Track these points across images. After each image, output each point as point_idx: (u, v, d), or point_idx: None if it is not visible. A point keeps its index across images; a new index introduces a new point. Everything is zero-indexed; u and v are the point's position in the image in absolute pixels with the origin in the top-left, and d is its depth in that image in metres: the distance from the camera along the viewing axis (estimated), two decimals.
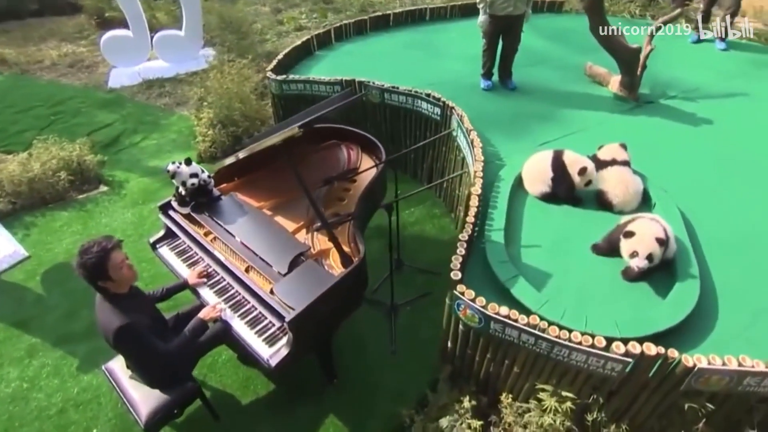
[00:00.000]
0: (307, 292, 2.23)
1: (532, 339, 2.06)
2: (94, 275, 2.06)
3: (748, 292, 2.35)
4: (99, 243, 2.07)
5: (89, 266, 2.03)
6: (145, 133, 5.14)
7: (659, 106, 3.79)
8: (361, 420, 2.68)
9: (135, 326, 2.11)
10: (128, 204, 4.19)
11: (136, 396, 2.39)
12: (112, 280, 2.09)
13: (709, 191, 2.94)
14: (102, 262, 2.04)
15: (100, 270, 2.05)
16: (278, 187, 3.01)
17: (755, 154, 3.24)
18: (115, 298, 2.15)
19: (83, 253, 2.04)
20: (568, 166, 2.71)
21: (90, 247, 2.05)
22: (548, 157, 2.80)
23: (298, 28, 7.14)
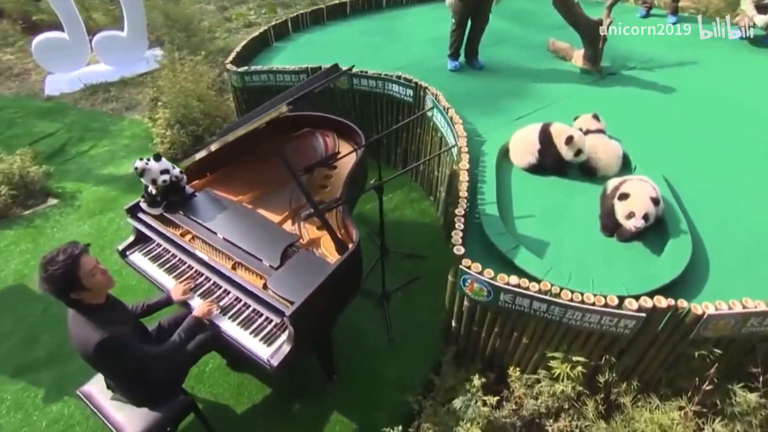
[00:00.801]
0: (304, 283, 2.09)
1: (544, 306, 2.02)
2: (64, 287, 1.82)
3: (728, 242, 2.42)
4: (64, 250, 1.83)
5: (58, 277, 1.78)
6: (93, 140, 4.76)
7: (621, 76, 3.90)
8: (367, 413, 2.57)
9: (118, 337, 1.89)
10: (84, 215, 3.84)
11: (121, 418, 2.16)
12: (86, 289, 1.86)
13: (677, 152, 3.04)
14: (72, 271, 1.81)
15: (71, 280, 1.82)
16: (255, 179, 2.84)
17: (714, 116, 3.40)
18: (92, 310, 1.91)
19: (48, 264, 1.79)
20: (554, 137, 2.70)
21: (54, 256, 1.80)
22: (536, 129, 2.80)
23: (247, 25, 6.87)
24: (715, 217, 2.56)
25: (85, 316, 1.89)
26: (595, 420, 2.27)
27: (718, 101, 3.55)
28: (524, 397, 2.38)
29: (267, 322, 2.21)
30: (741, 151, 3.06)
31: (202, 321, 2.19)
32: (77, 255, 1.85)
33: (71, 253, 1.84)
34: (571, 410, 2.35)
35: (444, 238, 3.52)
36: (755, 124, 3.29)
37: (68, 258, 1.81)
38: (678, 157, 2.99)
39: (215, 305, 2.24)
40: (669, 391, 2.22)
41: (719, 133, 3.23)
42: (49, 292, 1.81)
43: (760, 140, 3.13)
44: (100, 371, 2.13)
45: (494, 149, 2.95)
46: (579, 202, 2.67)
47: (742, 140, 3.14)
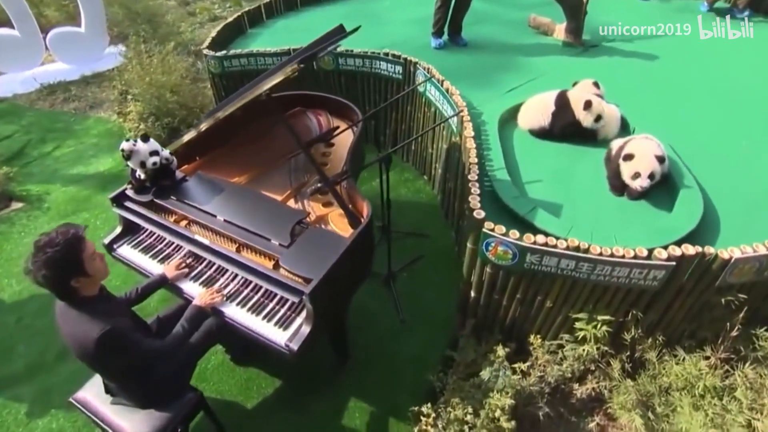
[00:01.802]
0: (320, 259, 1.95)
1: (573, 263, 1.96)
2: (65, 272, 1.60)
3: (729, 192, 2.45)
4: (63, 232, 1.62)
5: (59, 260, 1.57)
6: (56, 141, 4.42)
7: (603, 48, 3.94)
8: (386, 396, 2.45)
9: (120, 330, 1.70)
10: (54, 217, 3.54)
11: (125, 423, 1.97)
12: (87, 275, 1.66)
13: (667, 114, 3.08)
14: (75, 252, 1.61)
15: (73, 263, 1.62)
16: (249, 161, 2.67)
17: (693, 79, 3.49)
18: (86, 302, 1.71)
19: (47, 246, 1.57)
20: (572, 103, 2.66)
21: (53, 238, 1.59)
22: (552, 94, 2.76)
23: (212, 19, 6.61)
24: (711, 171, 2.58)
25: (79, 309, 1.69)
26: (622, 379, 2.25)
27: (695, 65, 3.65)
28: (548, 364, 2.32)
29: (279, 305, 2.06)
30: (723, 109, 3.14)
31: (204, 310, 2.01)
32: (80, 236, 1.66)
33: (74, 233, 1.64)
34: (597, 372, 2.31)
35: (443, 216, 3.45)
36: (732, 84, 3.40)
37: (71, 239, 1.62)
38: (669, 118, 3.03)
39: (218, 293, 2.07)
40: (693, 342, 2.22)
41: (700, 93, 3.32)
42: (46, 279, 1.58)
43: (739, 98, 3.23)
44: (98, 371, 1.92)
45: (493, 119, 2.90)
46: (585, 165, 2.65)
47: (722, 100, 3.23)
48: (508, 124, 2.93)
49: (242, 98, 2.03)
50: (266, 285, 2.00)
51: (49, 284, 1.60)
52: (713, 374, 2.10)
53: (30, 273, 1.60)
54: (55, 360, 2.66)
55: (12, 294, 3.02)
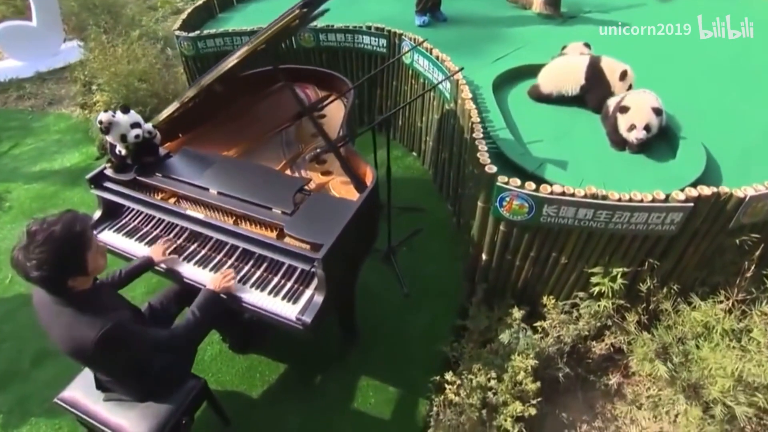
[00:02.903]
0: (329, 224, 1.82)
1: (591, 212, 1.91)
2: (65, 272, 1.39)
3: (723, 140, 2.45)
4: (68, 223, 1.39)
5: (60, 259, 1.35)
6: (13, 140, 4.09)
7: (582, 19, 3.97)
8: (399, 371, 2.34)
9: (122, 324, 1.50)
10: (18, 216, 3.24)
11: (122, 421, 1.79)
12: (87, 273, 1.46)
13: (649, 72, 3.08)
14: (80, 251, 1.41)
15: (77, 262, 1.41)
16: (235, 136, 2.51)
17: (671, 43, 3.54)
18: (80, 298, 1.48)
19: (47, 242, 1.33)
20: (606, 73, 2.55)
21: (54, 232, 1.35)
22: (581, 62, 2.62)
23: (175, 12, 6.31)
24: (704, 124, 2.59)
25: (73, 306, 1.47)
26: (639, 333, 2.21)
27: (672, 30, 3.69)
28: (565, 324, 2.27)
29: (285, 278, 1.92)
30: (701, 68, 3.19)
31: (218, 295, 1.83)
32: (87, 230, 1.45)
33: (80, 229, 1.42)
34: (614, 327, 2.27)
35: (436, 189, 3.37)
36: (710, 44, 3.47)
37: (76, 235, 1.40)
38: (653, 75, 3.02)
39: (232, 275, 1.89)
40: (706, 289, 2.21)
41: (681, 56, 3.36)
42: (41, 280, 1.36)
43: (716, 56, 3.31)
44: (96, 370, 1.72)
45: (486, 85, 2.83)
46: (583, 125, 2.62)
47: (700, 59, 3.29)
48: (501, 89, 2.87)
49: (237, 53, 1.87)
50: (272, 255, 1.85)
51: (43, 284, 1.39)
52: (729, 318, 2.09)
53: (19, 266, 1.36)
54: (31, 366, 2.42)
55: None
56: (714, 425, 1.95)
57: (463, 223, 2.84)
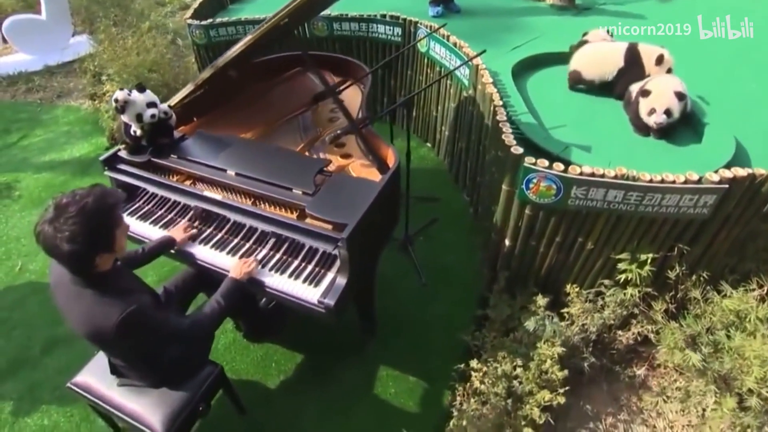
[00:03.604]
0: (352, 204, 1.77)
1: (621, 194, 1.85)
2: (94, 248, 1.32)
3: (746, 127, 2.38)
4: (99, 197, 1.33)
5: (92, 232, 1.29)
6: (23, 131, 4.05)
7: (597, 9, 3.91)
8: (418, 361, 2.28)
9: (144, 308, 1.45)
10: (27, 205, 3.20)
11: (136, 407, 1.73)
12: (113, 251, 1.41)
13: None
14: (111, 226, 1.36)
15: (107, 238, 1.36)
16: (251, 120, 2.46)
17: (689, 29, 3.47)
18: (102, 279, 1.42)
19: (78, 214, 1.27)
20: (643, 57, 2.48)
21: (86, 204, 1.29)
22: (619, 47, 2.56)
23: (183, 7, 6.29)
24: (723, 103, 2.54)
25: (94, 287, 1.40)
26: (667, 322, 2.15)
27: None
28: (590, 313, 2.20)
29: (306, 262, 1.86)
30: (715, 55, 3.14)
31: (241, 283, 1.77)
32: (118, 205, 1.40)
33: (113, 202, 1.37)
34: (640, 316, 2.21)
35: (452, 180, 3.31)
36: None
37: (108, 208, 1.35)
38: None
39: (254, 261, 1.83)
40: (737, 277, 2.14)
41: (698, 41, 3.32)
42: (69, 255, 1.28)
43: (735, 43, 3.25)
44: (114, 354, 1.65)
45: (505, 72, 2.77)
46: (605, 111, 2.56)
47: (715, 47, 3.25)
48: (520, 76, 2.82)
49: (258, 30, 1.82)
50: (294, 236, 1.80)
51: (70, 259, 1.31)
52: (763, 306, 2.02)
53: (47, 240, 1.28)
54: (41, 353, 2.36)
55: None
56: (749, 416, 1.88)
57: (481, 212, 2.79)
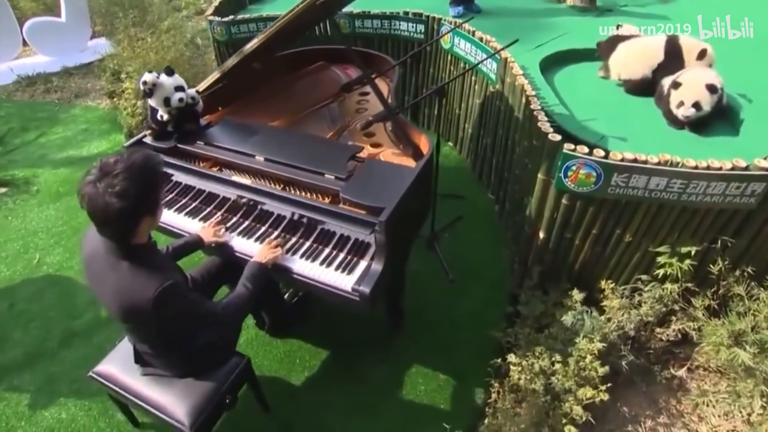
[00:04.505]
0: (389, 188, 1.72)
1: (664, 182, 1.78)
2: (142, 207, 1.27)
3: None
4: (146, 156, 1.31)
5: (142, 187, 1.24)
6: (41, 129, 4.05)
7: (619, 11, 3.89)
8: (448, 359, 2.20)
9: (180, 286, 1.39)
10: (46, 199, 3.17)
11: (160, 397, 1.66)
12: (155, 217, 1.36)
13: None
14: (158, 184, 1.33)
15: (154, 197, 1.31)
16: (277, 110, 2.42)
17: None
18: (139, 251, 1.37)
19: (128, 169, 1.23)
20: (684, 51, 2.42)
21: (134, 161, 1.26)
22: (658, 41, 2.49)
23: (199, 12, 6.37)
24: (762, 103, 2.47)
25: (129, 260, 1.34)
26: (708, 319, 2.06)
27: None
28: (626, 309, 2.12)
29: (337, 250, 1.79)
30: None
31: (265, 267, 1.70)
32: (162, 166, 1.37)
33: (158, 160, 1.34)
34: (679, 313, 2.12)
35: (475, 178, 3.26)
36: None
37: (157, 165, 1.32)
38: None
39: (278, 243, 1.77)
40: None
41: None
42: (118, 212, 1.22)
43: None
44: (142, 332, 1.55)
45: (533, 65, 2.74)
46: (636, 105, 2.51)
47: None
48: (547, 71, 2.78)
49: (292, 11, 1.79)
50: (328, 220, 1.74)
51: (119, 218, 1.24)
52: None
53: (92, 200, 1.22)
54: (59, 346, 2.30)
55: (2, 279, 2.64)
56: None
57: (509, 208, 2.72)
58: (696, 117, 2.19)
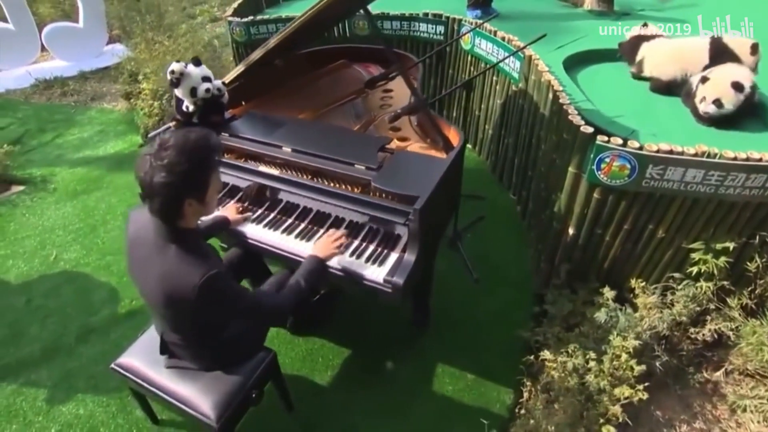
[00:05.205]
0: (421, 178, 1.69)
1: (700, 174, 1.74)
2: (187, 187, 1.23)
3: None
4: (202, 135, 1.26)
5: (191, 161, 1.20)
6: (57, 130, 4.05)
7: (636, 15, 3.89)
8: (476, 358, 2.14)
9: (226, 275, 1.35)
10: (63, 197, 3.16)
11: (186, 390, 1.61)
12: (203, 202, 1.31)
13: None
14: (208, 166, 1.28)
15: (202, 179, 1.27)
16: (300, 104, 2.41)
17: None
18: (186, 237, 1.33)
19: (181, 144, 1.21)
20: (733, 49, 2.35)
21: (191, 130, 1.25)
22: (700, 42, 2.43)
23: (213, 20, 6.45)
24: None
25: (177, 244, 1.30)
26: (745, 319, 2.00)
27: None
28: (659, 308, 2.06)
29: (366, 242, 1.76)
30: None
31: (324, 263, 1.64)
32: (219, 152, 1.32)
33: (215, 143, 1.29)
34: (714, 312, 2.06)
35: (496, 179, 3.22)
36: None
37: (212, 147, 1.28)
38: None
39: (341, 240, 1.70)
40: None
41: None
42: (162, 187, 1.19)
43: None
44: (178, 322, 1.48)
45: (556, 64, 2.71)
46: (662, 104, 2.47)
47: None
48: (571, 70, 2.75)
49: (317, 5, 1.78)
50: (358, 211, 1.70)
51: (161, 193, 1.21)
52: None
53: (141, 170, 1.21)
54: (76, 342, 2.26)
55: (19, 274, 2.61)
56: None
57: (532, 208, 2.68)
58: (719, 114, 2.14)
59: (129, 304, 2.42)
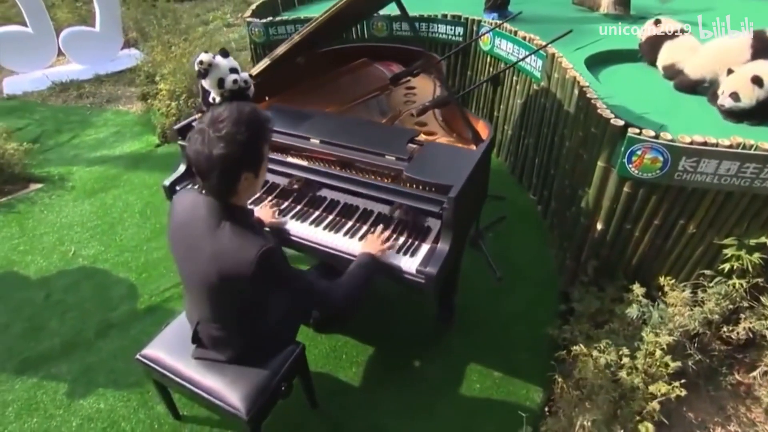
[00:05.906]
0: (454, 167, 1.68)
1: (735, 166, 1.72)
2: (244, 159, 1.22)
3: None
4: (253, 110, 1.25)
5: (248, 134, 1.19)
6: (73, 131, 4.07)
7: (652, 18, 3.89)
8: (503, 356, 2.11)
9: (280, 251, 1.34)
10: (81, 195, 3.15)
11: (214, 382, 1.57)
12: (258, 176, 1.30)
13: None
14: (262, 139, 1.27)
15: (257, 151, 1.26)
16: (324, 100, 2.40)
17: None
18: (240, 213, 1.33)
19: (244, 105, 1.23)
20: None
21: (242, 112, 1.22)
22: (742, 37, 2.34)
23: (226, 25, 6.52)
24: None
25: (231, 220, 1.29)
26: None
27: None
28: (689, 306, 2.02)
29: (396, 233, 1.74)
30: None
31: (377, 260, 1.62)
32: (271, 125, 1.31)
33: (267, 116, 1.28)
34: (747, 311, 2.01)
35: (515, 180, 3.21)
36: None
37: (264, 120, 1.26)
38: None
39: (389, 241, 1.68)
40: None
41: None
42: (220, 160, 1.18)
43: None
44: (222, 305, 1.44)
45: (578, 63, 2.70)
46: (687, 102, 2.46)
47: None
48: (593, 69, 2.75)
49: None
50: (393, 200, 1.68)
51: (220, 165, 1.19)
52: None
53: (196, 145, 1.19)
54: (96, 336, 2.23)
55: (38, 270, 2.60)
56: None
57: (554, 207, 2.66)
58: (737, 108, 2.09)
59: (148, 300, 2.40)
